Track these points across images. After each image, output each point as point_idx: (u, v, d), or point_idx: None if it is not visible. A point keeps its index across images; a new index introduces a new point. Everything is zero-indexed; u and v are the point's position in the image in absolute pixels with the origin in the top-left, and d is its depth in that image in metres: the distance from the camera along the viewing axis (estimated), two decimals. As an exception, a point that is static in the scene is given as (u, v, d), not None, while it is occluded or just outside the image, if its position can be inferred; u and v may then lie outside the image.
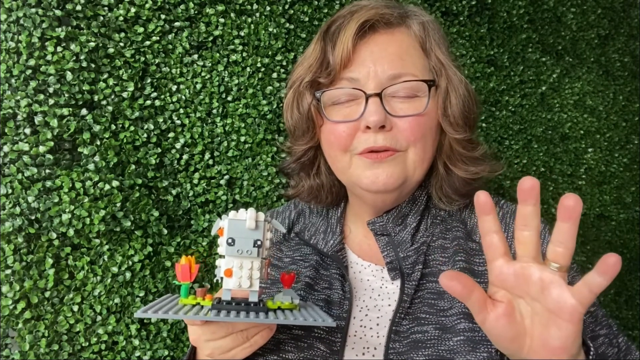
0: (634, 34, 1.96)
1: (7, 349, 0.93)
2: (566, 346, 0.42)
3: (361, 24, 0.67)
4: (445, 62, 0.69)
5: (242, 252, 0.54)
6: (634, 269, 1.90)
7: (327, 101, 0.69)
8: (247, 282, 0.54)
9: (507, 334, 0.46)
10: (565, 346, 0.42)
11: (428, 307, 0.63)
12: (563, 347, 0.42)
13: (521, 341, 0.45)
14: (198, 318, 0.52)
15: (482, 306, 0.46)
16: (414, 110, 0.66)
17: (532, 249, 0.45)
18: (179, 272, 0.57)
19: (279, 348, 0.64)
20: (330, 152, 0.71)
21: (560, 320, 0.42)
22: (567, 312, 0.42)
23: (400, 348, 0.61)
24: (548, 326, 0.43)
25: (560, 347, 0.42)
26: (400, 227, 0.71)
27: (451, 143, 0.70)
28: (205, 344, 0.57)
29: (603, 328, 0.66)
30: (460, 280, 0.45)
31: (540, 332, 0.44)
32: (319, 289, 0.70)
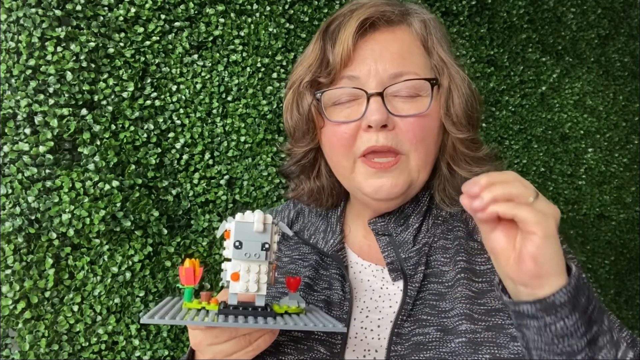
0: (634, 34, 1.96)
1: (7, 349, 0.93)
2: (534, 253, 0.47)
3: (362, 21, 0.66)
4: (447, 61, 0.68)
5: (250, 256, 0.53)
6: (634, 269, 1.90)
7: (327, 101, 0.68)
8: (254, 287, 0.53)
9: (500, 243, 0.50)
10: (532, 253, 0.47)
11: (429, 308, 0.63)
12: (530, 254, 0.47)
13: (508, 254, 0.50)
14: (207, 324, 0.50)
15: (491, 222, 0.51)
16: (417, 110, 0.64)
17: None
18: (182, 276, 0.55)
19: (278, 350, 0.63)
20: (332, 155, 0.70)
21: (528, 234, 0.47)
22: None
23: (401, 351, 0.60)
24: (525, 239, 0.48)
25: (527, 254, 0.47)
26: (402, 228, 0.71)
27: (454, 143, 0.69)
28: (207, 348, 0.56)
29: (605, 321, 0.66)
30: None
31: (519, 247, 0.49)
32: (318, 290, 0.69)
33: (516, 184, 0.49)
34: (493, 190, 0.48)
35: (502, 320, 0.59)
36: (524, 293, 0.50)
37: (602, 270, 1.81)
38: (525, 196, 0.48)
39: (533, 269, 0.47)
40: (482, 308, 0.61)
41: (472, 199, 0.49)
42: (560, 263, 0.48)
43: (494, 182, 0.49)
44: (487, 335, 0.58)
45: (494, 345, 0.57)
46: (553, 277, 0.48)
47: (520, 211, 0.47)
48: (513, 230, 0.50)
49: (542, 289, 0.48)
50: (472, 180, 0.50)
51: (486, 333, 0.58)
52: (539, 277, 0.48)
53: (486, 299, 0.61)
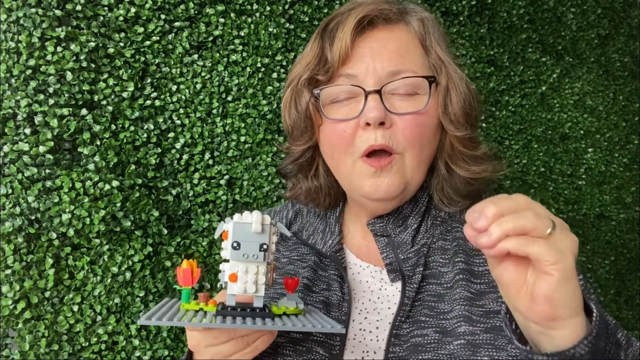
0: (634, 34, 1.96)
1: (7, 349, 0.93)
2: (549, 296, 0.42)
3: (359, 19, 0.66)
4: (445, 60, 0.68)
5: (248, 257, 0.52)
6: (634, 269, 1.90)
7: (325, 99, 0.68)
8: (252, 288, 0.53)
9: (510, 277, 0.46)
10: (547, 295, 0.42)
11: (428, 309, 0.63)
12: (545, 295, 0.43)
13: (518, 288, 0.45)
14: (204, 325, 0.50)
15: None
16: (414, 108, 0.64)
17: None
18: (180, 277, 0.55)
19: (277, 352, 0.63)
20: (332, 153, 0.69)
21: (543, 274, 0.43)
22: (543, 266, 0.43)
23: (400, 352, 0.60)
24: (538, 278, 0.43)
25: (541, 296, 0.43)
26: (400, 229, 0.70)
27: (452, 142, 0.69)
28: (206, 350, 0.56)
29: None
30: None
31: (532, 282, 0.44)
32: (317, 291, 0.69)
33: (529, 214, 0.43)
34: (503, 224, 0.42)
35: (501, 322, 0.58)
36: (534, 330, 0.46)
37: (602, 270, 1.81)
38: (541, 230, 0.43)
39: (548, 312, 0.43)
40: (481, 310, 0.60)
41: (477, 231, 0.44)
42: (577, 304, 0.44)
43: (503, 213, 0.43)
44: (486, 337, 0.58)
45: (492, 348, 0.57)
46: (569, 318, 0.44)
47: (535, 248, 0.42)
48: (524, 261, 0.45)
49: (556, 330, 0.44)
50: (477, 208, 0.44)
51: (485, 335, 0.58)
52: (554, 320, 0.44)
53: (485, 300, 0.61)
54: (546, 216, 0.44)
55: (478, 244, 0.44)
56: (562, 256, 0.42)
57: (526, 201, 0.45)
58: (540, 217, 0.43)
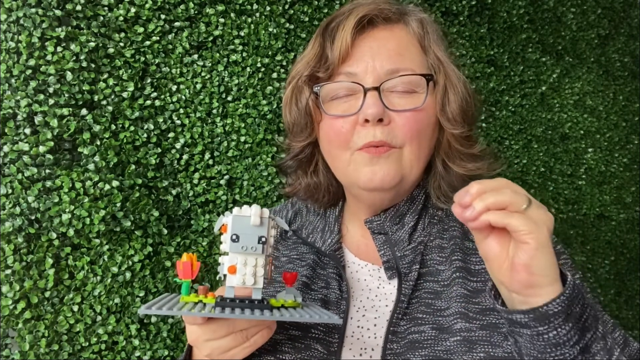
0: (634, 34, 1.96)
1: (7, 349, 0.94)
2: (527, 263, 0.47)
3: (360, 18, 0.67)
4: (443, 60, 0.70)
5: (247, 249, 0.53)
6: (634, 269, 1.90)
7: (325, 96, 0.69)
8: (251, 280, 0.54)
9: (493, 250, 0.51)
10: (525, 263, 0.47)
11: (425, 307, 0.64)
12: (523, 264, 0.47)
13: (501, 261, 0.50)
14: (203, 314, 0.51)
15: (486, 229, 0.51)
16: (412, 105, 0.66)
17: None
18: (180, 270, 0.56)
19: (276, 349, 0.64)
20: (329, 149, 0.70)
21: (521, 244, 0.48)
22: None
23: (397, 349, 0.61)
24: (517, 248, 0.48)
25: (520, 264, 0.47)
26: (397, 226, 0.71)
27: (449, 140, 0.70)
28: (205, 344, 0.56)
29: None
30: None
31: (512, 254, 0.49)
32: (316, 289, 0.70)
33: (508, 191, 0.49)
34: (485, 199, 0.48)
35: (497, 320, 0.59)
36: (517, 300, 0.50)
37: (602, 270, 1.81)
38: (517, 204, 0.48)
39: (526, 279, 0.48)
40: (477, 307, 0.61)
41: (463, 208, 0.49)
42: (554, 272, 0.48)
43: (485, 190, 0.49)
44: (482, 334, 0.58)
45: (488, 344, 0.57)
46: (547, 286, 0.48)
47: (512, 220, 0.47)
48: (506, 237, 0.50)
49: (535, 298, 0.48)
50: (464, 189, 0.50)
51: (481, 332, 0.58)
52: (532, 287, 0.48)
53: (481, 298, 0.62)
54: (523, 194, 0.50)
55: (463, 218, 0.50)
56: (537, 227, 0.47)
57: (506, 182, 0.51)
58: (518, 194, 0.49)
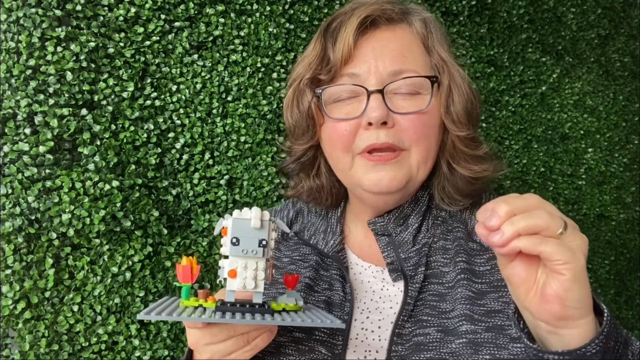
0: (634, 34, 1.96)
1: (7, 349, 0.93)
2: (560, 296, 0.43)
3: (362, 19, 0.66)
4: (447, 60, 0.69)
5: (247, 252, 0.52)
6: (634, 269, 1.90)
7: (327, 99, 0.68)
8: (251, 283, 0.53)
9: (520, 275, 0.46)
10: (559, 295, 0.43)
11: (430, 309, 0.63)
12: (556, 295, 0.43)
13: (528, 287, 0.46)
14: (203, 320, 0.50)
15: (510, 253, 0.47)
16: (417, 108, 0.65)
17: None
18: (179, 273, 0.55)
19: (279, 351, 0.63)
20: (332, 151, 0.70)
21: (555, 273, 0.43)
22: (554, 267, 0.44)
23: (402, 351, 0.60)
24: (549, 277, 0.44)
25: (553, 295, 0.43)
26: (401, 228, 0.70)
27: (454, 141, 0.69)
28: (205, 348, 0.55)
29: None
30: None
31: (543, 282, 0.45)
32: (319, 290, 0.69)
33: (542, 213, 0.43)
34: (515, 223, 0.43)
35: (502, 322, 0.59)
36: (544, 329, 0.46)
37: (602, 270, 1.81)
38: (553, 229, 0.43)
39: (559, 311, 0.43)
40: (482, 309, 0.61)
41: (489, 230, 0.44)
42: (588, 303, 0.44)
43: (515, 212, 0.44)
44: (487, 336, 0.58)
45: (494, 346, 0.57)
46: (580, 318, 0.44)
47: (547, 248, 0.42)
48: (534, 260, 0.45)
49: (566, 330, 0.45)
50: (489, 207, 0.45)
51: (486, 334, 0.58)
52: (564, 319, 0.44)
53: (486, 300, 0.61)
54: (558, 216, 0.44)
55: (490, 243, 0.44)
56: (574, 256, 0.42)
57: (538, 200, 0.45)
58: (552, 216, 0.44)
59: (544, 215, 0.43)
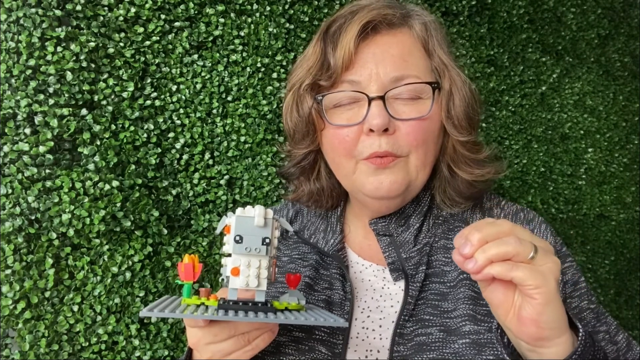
0: (634, 34, 1.96)
1: (7, 349, 0.93)
2: (535, 319, 0.45)
3: (363, 25, 0.65)
4: (448, 63, 0.68)
5: (251, 250, 0.52)
6: (634, 269, 1.90)
7: (328, 104, 0.67)
8: (254, 282, 0.52)
9: (498, 299, 0.49)
10: (533, 318, 0.45)
11: (432, 308, 0.63)
12: (531, 318, 0.46)
13: (507, 309, 0.49)
14: (205, 317, 0.49)
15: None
16: (418, 113, 0.64)
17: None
18: (181, 271, 0.54)
19: (279, 351, 0.63)
20: (334, 157, 0.69)
21: (528, 297, 0.46)
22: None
23: (404, 351, 0.60)
24: (524, 301, 0.47)
25: (528, 318, 0.46)
26: (402, 228, 0.70)
27: (455, 145, 0.69)
28: (205, 347, 0.55)
29: (603, 325, 0.66)
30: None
31: (519, 305, 0.47)
32: (319, 289, 0.69)
33: (512, 239, 0.46)
34: (487, 250, 0.46)
35: None
36: (524, 347, 0.49)
37: (602, 270, 1.81)
38: (523, 254, 0.45)
39: (534, 333, 0.46)
40: (485, 309, 0.61)
41: (464, 258, 0.47)
42: (563, 324, 0.47)
43: (487, 239, 0.46)
44: (490, 336, 0.58)
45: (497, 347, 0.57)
46: (556, 338, 0.47)
47: (518, 273, 0.45)
48: (511, 285, 0.48)
49: (544, 349, 0.47)
50: (464, 233, 0.47)
51: (489, 334, 0.58)
52: (541, 339, 0.47)
53: None
54: (528, 241, 0.47)
55: (465, 269, 0.47)
56: (545, 280, 0.45)
57: (510, 227, 0.48)
58: (523, 242, 0.46)
59: (513, 242, 0.46)
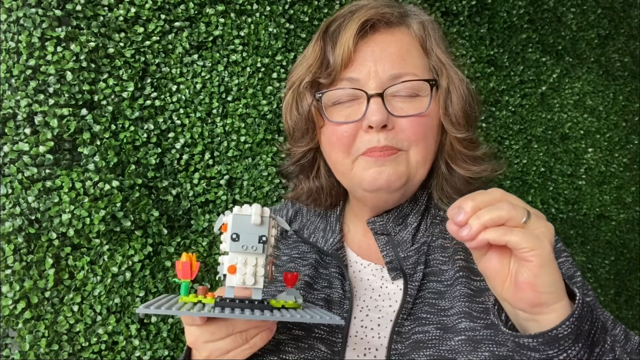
0: (634, 34, 1.96)
1: (7, 349, 0.93)
2: (531, 282, 0.45)
3: (362, 23, 0.66)
4: (445, 62, 0.69)
5: (247, 248, 0.52)
6: (634, 269, 1.90)
7: (327, 101, 0.68)
8: (251, 279, 0.53)
9: (494, 267, 0.49)
10: (529, 281, 0.45)
11: (429, 307, 0.63)
12: (527, 282, 0.45)
13: (503, 278, 0.48)
14: (202, 314, 0.50)
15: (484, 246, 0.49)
16: (416, 110, 0.65)
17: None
18: (179, 270, 0.55)
19: (279, 349, 0.63)
20: (332, 154, 0.70)
21: (523, 261, 0.46)
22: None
23: (402, 349, 0.60)
24: (520, 266, 0.46)
25: (524, 282, 0.46)
26: (400, 227, 0.71)
27: (452, 142, 0.70)
28: (203, 346, 0.55)
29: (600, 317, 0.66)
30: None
31: (515, 271, 0.47)
32: (318, 288, 0.70)
33: (505, 205, 0.46)
34: (481, 217, 0.46)
35: None
36: (522, 317, 0.49)
37: (602, 270, 1.81)
38: (516, 219, 0.46)
39: (532, 297, 0.46)
40: (481, 306, 0.61)
41: (458, 226, 0.47)
42: (560, 288, 0.47)
43: (480, 206, 0.47)
44: (486, 333, 0.58)
45: (493, 343, 0.57)
46: (554, 303, 0.46)
47: (512, 237, 0.45)
48: (506, 251, 0.48)
49: (543, 315, 0.47)
50: (457, 204, 0.48)
51: (485, 331, 0.58)
52: (539, 305, 0.46)
53: (484, 297, 0.62)
54: (521, 206, 0.47)
55: (460, 237, 0.47)
56: (539, 242, 0.45)
57: (501, 194, 0.48)
58: (516, 207, 0.46)
59: (507, 207, 0.46)
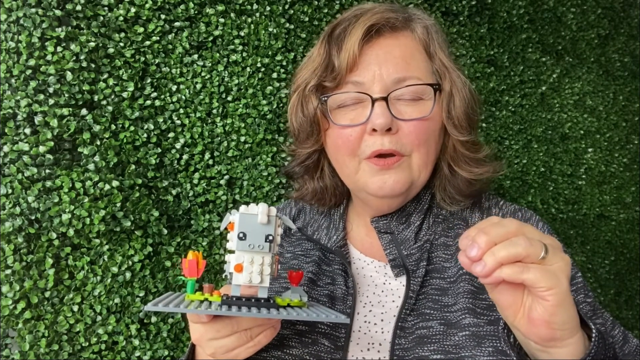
0: (634, 34, 1.96)
1: (7, 349, 0.93)
2: (546, 320, 0.44)
3: (367, 28, 0.67)
4: (448, 65, 0.70)
5: (254, 247, 0.53)
6: (634, 269, 1.90)
7: (332, 104, 0.70)
8: (257, 278, 0.54)
9: (506, 300, 0.48)
10: (544, 319, 0.44)
11: (432, 302, 0.64)
12: (542, 319, 0.44)
13: (515, 310, 0.47)
14: (209, 312, 0.50)
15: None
16: (419, 114, 0.66)
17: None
18: (185, 268, 0.55)
19: (283, 344, 0.64)
20: (337, 156, 0.71)
21: (539, 299, 0.45)
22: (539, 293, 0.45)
23: (406, 344, 0.61)
24: (535, 302, 0.45)
25: (539, 319, 0.44)
26: (403, 226, 0.72)
27: (455, 145, 0.71)
28: (208, 343, 0.56)
29: (599, 319, 0.67)
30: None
31: (529, 305, 0.46)
32: (321, 285, 0.71)
33: (521, 240, 0.44)
34: (496, 253, 0.43)
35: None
36: (534, 347, 0.48)
37: (602, 270, 1.81)
38: (533, 255, 0.43)
39: (546, 334, 0.45)
40: (484, 303, 0.62)
41: (471, 260, 0.45)
42: (575, 322, 0.46)
43: (495, 241, 0.44)
44: (490, 329, 0.59)
45: (496, 339, 0.58)
46: (568, 338, 0.45)
47: (529, 275, 0.43)
48: (520, 285, 0.46)
49: (556, 349, 0.46)
50: (469, 235, 0.45)
51: (488, 327, 0.59)
52: (552, 340, 0.45)
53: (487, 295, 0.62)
54: (538, 240, 0.45)
55: (473, 273, 0.45)
56: (557, 281, 0.43)
57: (517, 226, 0.46)
58: (532, 242, 0.44)
59: (524, 243, 0.44)
